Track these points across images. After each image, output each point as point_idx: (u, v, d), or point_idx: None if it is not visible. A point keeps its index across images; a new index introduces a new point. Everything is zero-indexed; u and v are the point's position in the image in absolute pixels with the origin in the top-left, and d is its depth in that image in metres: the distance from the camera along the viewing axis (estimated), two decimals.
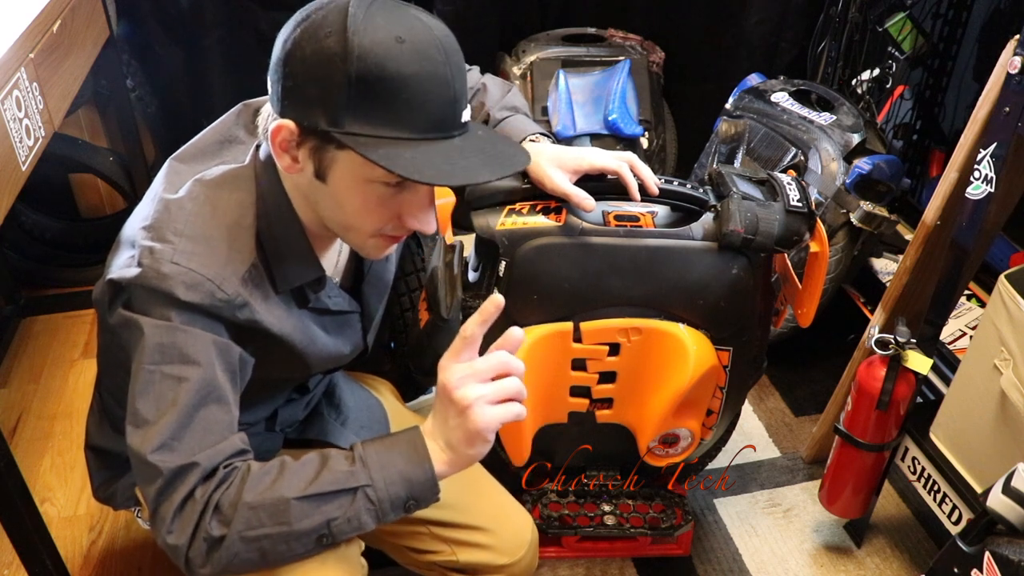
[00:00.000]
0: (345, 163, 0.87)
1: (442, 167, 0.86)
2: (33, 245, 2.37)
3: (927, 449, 1.48)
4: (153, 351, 0.88)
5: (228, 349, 0.92)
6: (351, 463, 0.90)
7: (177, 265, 0.87)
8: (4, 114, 1.35)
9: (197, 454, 0.87)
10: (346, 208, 0.92)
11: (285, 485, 0.88)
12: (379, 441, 0.93)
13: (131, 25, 2.16)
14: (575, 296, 1.28)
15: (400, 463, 0.91)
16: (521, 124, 1.27)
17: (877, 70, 2.15)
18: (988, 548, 1.09)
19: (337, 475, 0.89)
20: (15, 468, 1.28)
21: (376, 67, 0.82)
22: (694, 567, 1.65)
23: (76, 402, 1.98)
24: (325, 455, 0.92)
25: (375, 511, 0.90)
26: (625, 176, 1.22)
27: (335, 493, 0.89)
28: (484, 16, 2.35)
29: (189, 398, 0.88)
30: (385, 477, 0.90)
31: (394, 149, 0.84)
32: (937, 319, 1.44)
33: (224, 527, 0.87)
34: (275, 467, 0.90)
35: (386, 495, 0.90)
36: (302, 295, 1.01)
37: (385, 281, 1.16)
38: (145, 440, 0.87)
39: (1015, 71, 1.24)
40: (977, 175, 1.32)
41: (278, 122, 0.87)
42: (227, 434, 0.91)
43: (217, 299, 0.88)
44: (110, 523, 1.69)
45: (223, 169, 0.96)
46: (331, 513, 0.89)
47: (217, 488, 0.88)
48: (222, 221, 0.92)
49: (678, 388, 1.31)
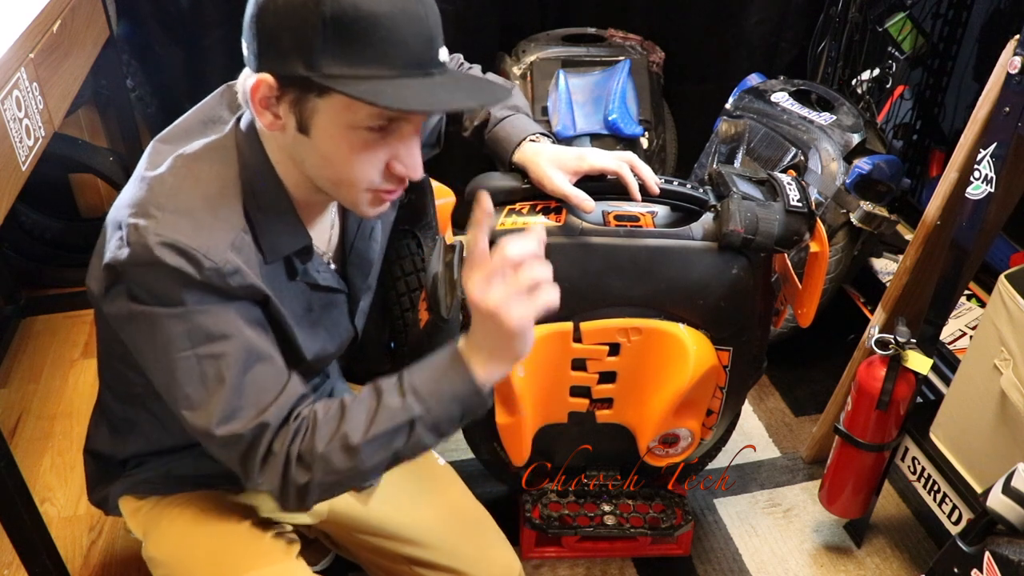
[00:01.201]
0: (327, 111, 0.86)
1: (424, 97, 0.85)
2: (33, 245, 2.36)
3: (927, 449, 1.48)
4: (180, 339, 0.88)
5: (249, 309, 0.93)
6: (402, 397, 0.92)
7: (161, 236, 0.87)
8: (4, 114, 1.35)
9: (262, 415, 0.90)
10: (332, 159, 0.90)
11: (350, 430, 0.91)
12: (423, 367, 0.94)
13: (131, 25, 2.16)
14: (575, 296, 1.28)
15: (448, 388, 0.92)
16: (522, 123, 1.27)
17: (877, 70, 2.15)
18: (988, 548, 1.09)
19: (392, 412, 0.91)
20: (15, 468, 1.28)
21: (350, 6, 0.81)
22: (694, 567, 1.65)
23: (76, 402, 1.98)
24: (378, 391, 0.93)
25: (435, 432, 0.94)
26: (625, 176, 1.22)
27: (394, 429, 0.91)
28: (484, 16, 2.35)
29: (234, 370, 0.89)
30: (438, 402, 0.92)
31: (374, 85, 0.83)
32: (937, 319, 1.44)
33: (307, 474, 0.90)
34: (336, 412, 0.92)
35: (441, 417, 0.93)
36: (291, 266, 1.00)
37: (368, 260, 1.14)
38: (208, 418, 0.89)
39: (1015, 71, 1.24)
40: (977, 175, 1.32)
41: (256, 78, 0.86)
42: (282, 384, 0.92)
43: (206, 268, 0.87)
44: (110, 523, 1.69)
45: (203, 142, 0.96)
46: (395, 446, 0.92)
47: (294, 440, 0.91)
48: (205, 192, 0.91)
49: (678, 388, 1.31)
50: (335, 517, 1.24)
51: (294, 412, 0.92)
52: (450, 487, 1.33)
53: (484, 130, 1.28)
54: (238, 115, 0.97)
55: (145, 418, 1.11)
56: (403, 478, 1.29)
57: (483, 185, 1.27)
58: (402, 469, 1.29)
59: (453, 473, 1.35)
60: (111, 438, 1.17)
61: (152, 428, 1.12)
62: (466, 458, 1.63)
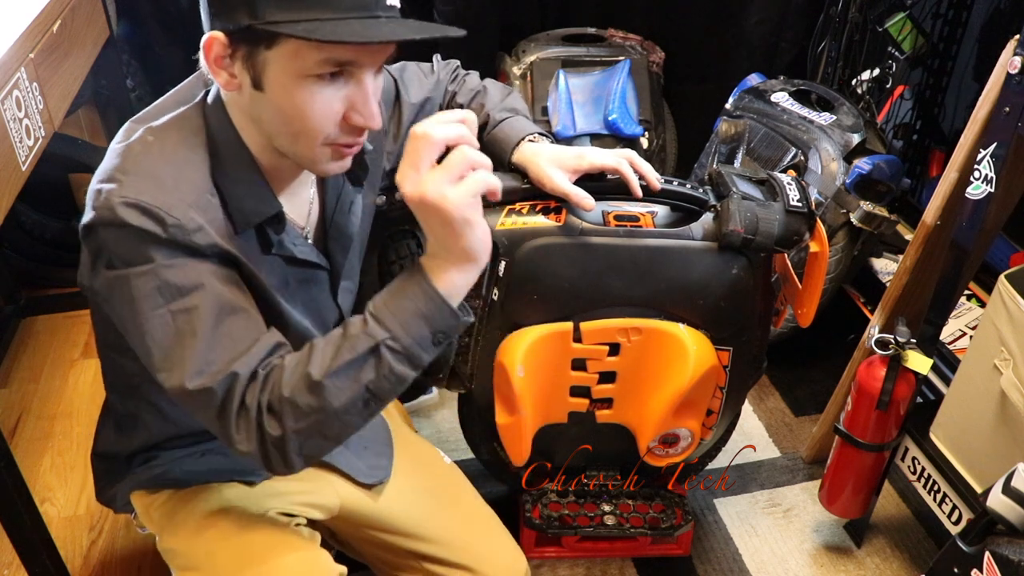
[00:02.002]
0: (277, 61, 0.86)
1: (363, 32, 0.85)
2: (33, 245, 2.36)
3: (927, 449, 1.48)
4: (151, 296, 0.88)
5: (220, 266, 0.92)
6: (364, 324, 0.89)
7: (125, 197, 0.87)
8: (4, 114, 1.35)
9: (232, 364, 0.88)
10: (287, 112, 0.89)
11: (312, 367, 0.88)
12: (386, 291, 0.92)
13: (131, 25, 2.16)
14: (575, 296, 1.28)
15: (410, 304, 0.89)
16: (520, 124, 1.27)
17: (877, 70, 2.15)
18: (988, 548, 1.09)
19: (354, 340, 0.89)
20: (15, 468, 1.28)
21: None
22: (694, 567, 1.65)
23: (76, 402, 1.98)
24: (345, 325, 0.91)
25: (406, 358, 0.89)
26: (626, 173, 1.22)
27: (358, 358, 0.88)
28: (484, 16, 2.35)
29: (205, 321, 0.88)
30: (401, 323, 0.89)
31: (314, 24, 0.83)
32: (937, 319, 1.44)
33: (279, 425, 0.88)
34: (304, 353, 0.90)
35: (409, 339, 0.89)
36: (264, 237, 0.99)
37: (347, 234, 1.12)
38: (181, 375, 0.88)
39: (1015, 71, 1.24)
40: (977, 175, 1.32)
41: (208, 36, 0.87)
42: (256, 336, 0.91)
43: (169, 224, 0.87)
44: (110, 523, 1.69)
45: (172, 115, 0.96)
46: (364, 378, 0.89)
47: (263, 390, 0.89)
48: (170, 158, 0.92)
49: (678, 388, 1.31)
50: (346, 513, 1.24)
51: (264, 361, 0.90)
52: (457, 485, 1.33)
53: (483, 132, 1.29)
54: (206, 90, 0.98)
55: (146, 410, 1.12)
56: (411, 475, 1.29)
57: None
58: (409, 467, 1.31)
59: (459, 471, 1.35)
60: (116, 436, 1.18)
61: (154, 420, 1.12)
62: (466, 458, 1.63)
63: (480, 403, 1.40)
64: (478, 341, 1.33)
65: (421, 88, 1.26)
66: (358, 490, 1.24)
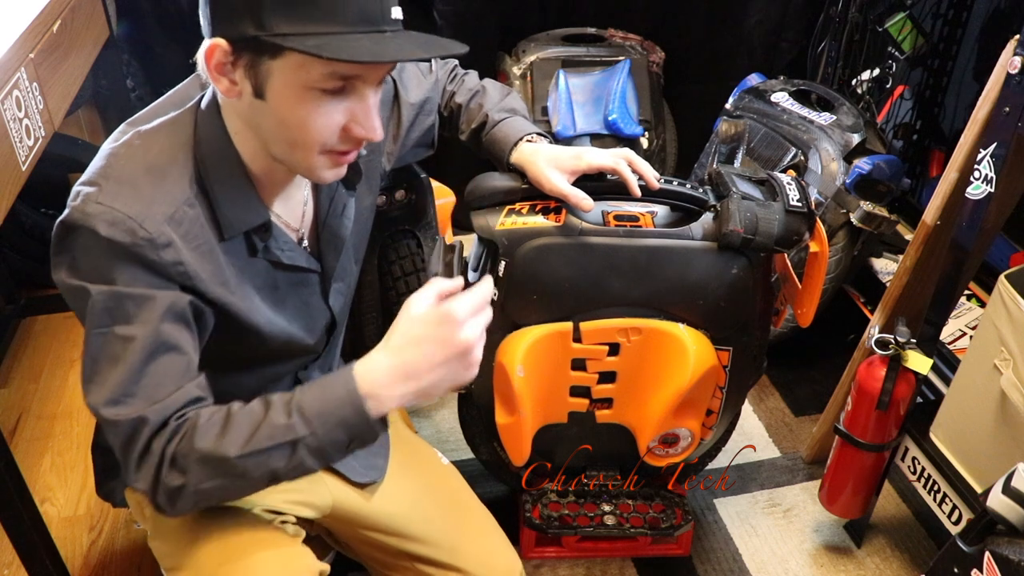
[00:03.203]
0: (281, 72, 0.86)
1: (372, 49, 0.85)
2: (33, 245, 2.36)
3: (927, 449, 1.48)
4: (101, 315, 0.89)
5: (176, 300, 0.92)
6: (288, 416, 0.90)
7: (100, 204, 0.87)
8: (4, 114, 1.35)
9: (145, 409, 0.89)
10: (288, 122, 0.89)
11: (228, 441, 0.89)
12: (316, 386, 0.92)
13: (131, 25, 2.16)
14: (575, 296, 1.28)
15: (337, 410, 0.90)
16: (519, 124, 1.27)
17: (877, 70, 2.15)
18: (988, 548, 1.09)
19: (275, 429, 0.90)
20: (15, 468, 1.28)
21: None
22: (694, 567, 1.65)
23: (76, 402, 1.98)
24: (267, 403, 0.92)
25: (319, 454, 0.92)
26: (624, 173, 1.22)
27: (274, 448, 0.90)
28: (484, 16, 2.35)
29: (136, 355, 0.89)
30: (323, 425, 0.90)
31: (322, 40, 0.83)
32: (937, 319, 1.44)
33: (181, 477, 0.90)
34: (221, 419, 0.91)
35: (326, 441, 0.91)
36: (251, 243, 0.99)
37: (340, 237, 1.12)
38: (98, 395, 0.89)
39: (1015, 71, 1.24)
40: (977, 175, 1.32)
41: (210, 43, 0.86)
42: (180, 383, 0.92)
43: (139, 237, 0.87)
44: (110, 523, 1.69)
45: (163, 118, 0.96)
46: (274, 464, 0.91)
47: (170, 441, 0.90)
48: (152, 164, 0.91)
49: (678, 388, 1.31)
50: (339, 512, 1.24)
51: (179, 412, 0.91)
52: (453, 486, 1.33)
53: (481, 132, 1.29)
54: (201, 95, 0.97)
55: None
56: (407, 475, 1.29)
57: (483, 185, 1.27)
58: (405, 467, 1.30)
59: (456, 472, 1.35)
60: None
61: None
62: (466, 458, 1.63)
63: (480, 403, 1.40)
64: None
65: (420, 88, 1.26)
66: (352, 489, 1.23)
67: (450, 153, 1.37)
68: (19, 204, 2.25)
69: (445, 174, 1.61)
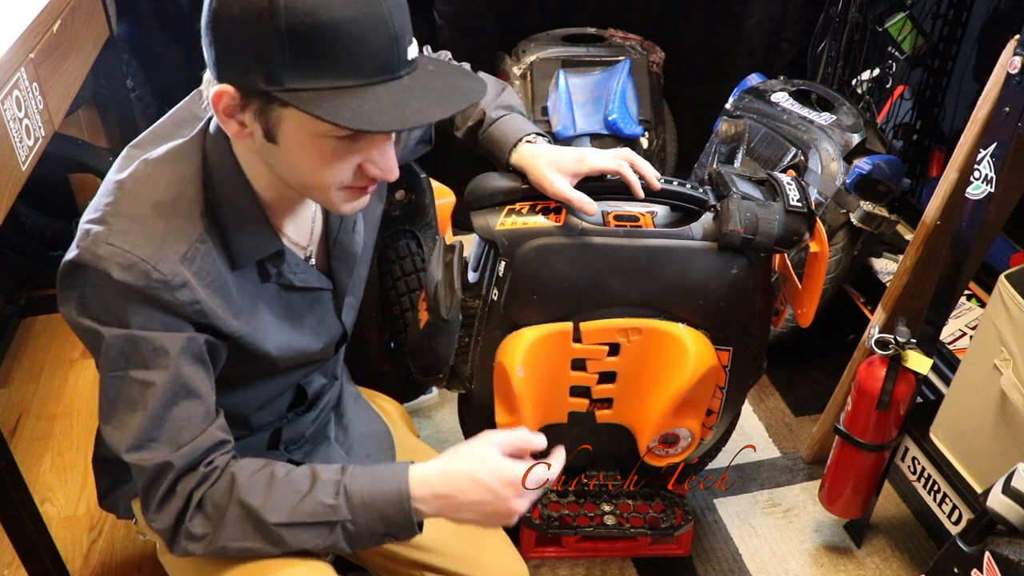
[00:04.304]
0: (292, 121, 0.84)
1: (391, 112, 0.81)
2: (33, 245, 2.36)
3: (927, 449, 1.48)
4: (116, 359, 0.88)
5: (192, 341, 0.91)
6: (335, 495, 0.92)
7: (112, 246, 0.86)
8: (4, 114, 1.35)
9: (170, 455, 0.89)
10: (302, 167, 0.88)
11: (270, 507, 0.91)
12: (367, 474, 0.94)
13: (131, 25, 2.16)
14: (575, 296, 1.28)
15: (383, 504, 0.93)
16: (518, 123, 1.26)
17: (877, 70, 2.15)
18: (988, 548, 1.09)
19: (319, 507, 0.92)
20: (15, 468, 1.28)
21: (307, 16, 0.77)
22: (694, 567, 1.65)
23: (76, 402, 1.98)
24: (314, 477, 0.93)
25: (352, 541, 0.94)
26: (626, 175, 1.22)
27: (314, 524, 0.92)
28: (484, 16, 2.35)
29: (157, 400, 0.88)
30: (366, 514, 0.92)
31: (338, 100, 0.80)
32: (937, 319, 1.44)
33: (207, 527, 0.90)
34: (263, 481, 0.92)
35: (365, 530, 0.93)
36: (263, 270, 0.98)
37: (352, 253, 1.11)
38: (121, 440, 0.89)
39: (1015, 71, 1.24)
40: (977, 175, 1.32)
41: (217, 88, 0.83)
42: (203, 427, 0.91)
43: (153, 280, 0.86)
44: (110, 523, 1.69)
45: (169, 145, 0.94)
46: (309, 540, 0.93)
47: (199, 486, 0.90)
48: (161, 198, 0.89)
49: (678, 388, 1.31)
50: None
51: (207, 458, 0.91)
52: None
53: (478, 131, 1.27)
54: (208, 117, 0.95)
55: None
56: None
57: (483, 185, 1.27)
58: None
59: None
60: None
61: None
62: None
63: (480, 403, 1.40)
64: (478, 341, 1.33)
65: None
66: None
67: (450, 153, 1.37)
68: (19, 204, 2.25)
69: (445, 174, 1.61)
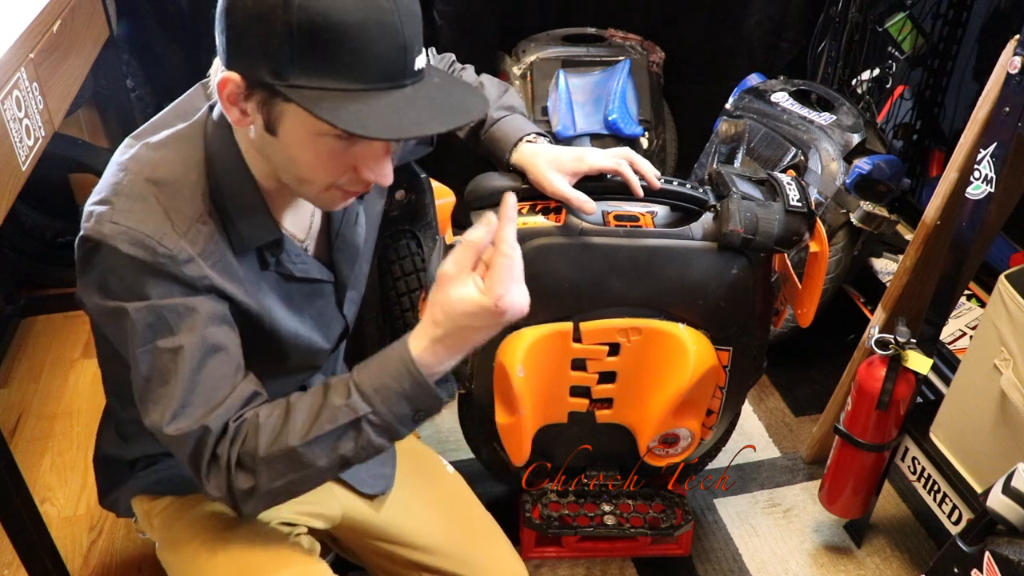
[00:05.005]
0: (294, 116, 0.84)
1: (390, 120, 0.82)
2: (33, 245, 2.36)
3: (927, 449, 1.48)
4: (144, 332, 0.88)
5: (215, 303, 0.92)
6: (347, 395, 0.90)
7: (116, 224, 0.86)
8: (4, 114, 1.35)
9: (206, 417, 0.89)
10: (298, 161, 0.89)
11: (290, 432, 0.89)
12: (371, 364, 0.92)
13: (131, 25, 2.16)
14: (575, 296, 1.28)
15: (393, 382, 0.90)
16: (518, 123, 1.26)
17: (877, 70, 2.15)
18: (988, 548, 1.09)
19: (335, 411, 0.90)
20: (15, 468, 1.28)
21: (319, 16, 0.77)
22: (694, 567, 1.65)
23: (76, 402, 1.98)
24: (326, 389, 0.92)
25: (385, 431, 0.91)
26: (626, 174, 1.22)
27: (338, 429, 0.90)
28: (484, 16, 2.35)
29: (188, 364, 0.88)
30: (384, 399, 0.90)
31: (340, 102, 0.80)
32: (937, 319, 1.44)
33: (251, 479, 0.90)
34: (280, 413, 0.91)
35: (390, 416, 0.90)
36: (262, 258, 0.99)
37: (354, 246, 1.12)
38: (161, 416, 0.89)
39: (1015, 71, 1.24)
40: (977, 175, 1.32)
41: (224, 74, 0.84)
42: (235, 383, 0.92)
43: (160, 254, 0.87)
44: (110, 523, 1.69)
45: (170, 131, 0.95)
46: (342, 448, 0.91)
47: (233, 443, 0.90)
48: (163, 179, 0.90)
49: (678, 388, 1.31)
50: (348, 523, 1.23)
51: (238, 414, 0.91)
52: (460, 495, 1.32)
53: (480, 131, 1.28)
54: (210, 104, 0.96)
55: None
56: (414, 485, 1.28)
57: (483, 185, 1.27)
58: (413, 476, 1.30)
59: (462, 481, 1.34)
60: (118, 441, 1.17)
61: None
62: (466, 458, 1.62)
63: (480, 403, 1.40)
64: None
65: None
66: (360, 500, 1.23)
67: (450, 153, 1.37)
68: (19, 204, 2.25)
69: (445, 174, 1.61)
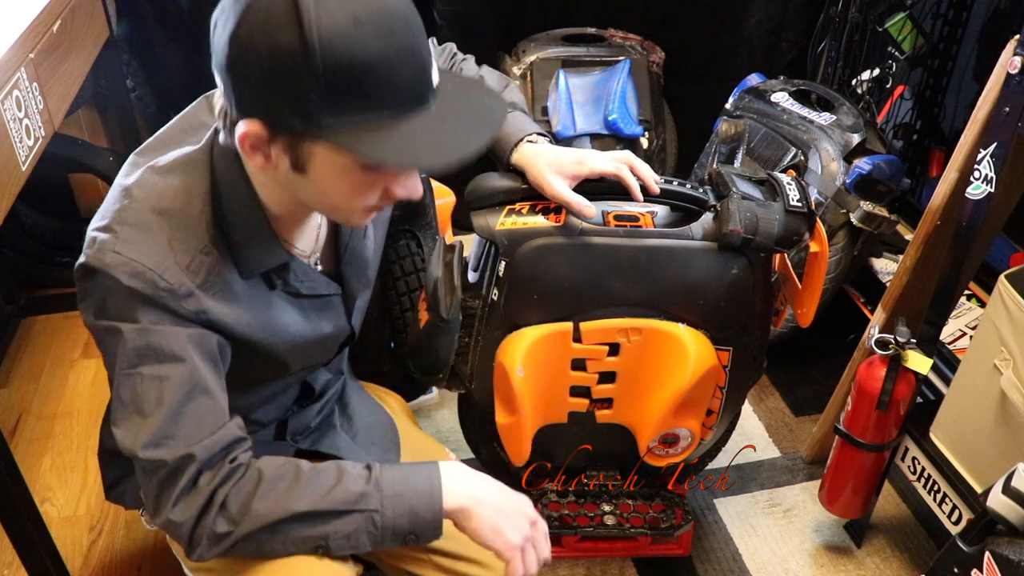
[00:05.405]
0: (324, 154, 0.83)
1: (432, 146, 0.83)
2: (33, 245, 2.37)
3: (927, 449, 1.48)
4: (131, 355, 0.88)
5: (204, 338, 0.91)
6: (366, 483, 0.91)
7: (118, 255, 0.86)
8: (4, 114, 1.35)
9: (192, 446, 0.89)
10: (331, 194, 0.88)
11: (297, 497, 0.90)
12: (398, 468, 0.94)
13: (131, 25, 2.16)
14: (575, 296, 1.28)
15: (413, 498, 0.92)
16: (518, 123, 1.26)
17: (877, 70, 2.15)
18: (988, 548, 1.09)
19: (350, 494, 0.91)
20: (15, 468, 1.28)
21: (344, 56, 0.77)
22: (694, 567, 1.65)
23: (76, 402, 1.98)
24: (342, 468, 0.93)
25: (376, 536, 0.93)
26: (626, 179, 1.22)
27: (344, 512, 0.91)
28: (484, 16, 2.35)
29: (175, 395, 0.88)
30: (395, 507, 0.91)
31: (375, 134, 0.80)
32: (937, 319, 1.44)
33: (230, 526, 0.89)
34: (290, 474, 0.91)
35: (391, 524, 0.92)
36: (268, 280, 0.99)
37: (363, 259, 1.12)
38: (136, 439, 0.88)
39: (1015, 71, 1.24)
40: (977, 175, 1.32)
41: (244, 126, 0.82)
42: (220, 422, 0.91)
43: (160, 288, 0.87)
44: (110, 523, 1.69)
45: (176, 154, 0.93)
46: (334, 528, 0.91)
47: (224, 484, 0.89)
48: (167, 209, 0.90)
49: (678, 388, 1.31)
50: None
51: (229, 455, 0.91)
52: None
53: None
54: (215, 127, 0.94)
55: None
56: None
57: (483, 185, 1.27)
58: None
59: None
60: None
61: None
62: (466, 458, 1.63)
63: (480, 403, 1.40)
64: (478, 341, 1.33)
65: None
66: None
67: None
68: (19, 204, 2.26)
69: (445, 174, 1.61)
